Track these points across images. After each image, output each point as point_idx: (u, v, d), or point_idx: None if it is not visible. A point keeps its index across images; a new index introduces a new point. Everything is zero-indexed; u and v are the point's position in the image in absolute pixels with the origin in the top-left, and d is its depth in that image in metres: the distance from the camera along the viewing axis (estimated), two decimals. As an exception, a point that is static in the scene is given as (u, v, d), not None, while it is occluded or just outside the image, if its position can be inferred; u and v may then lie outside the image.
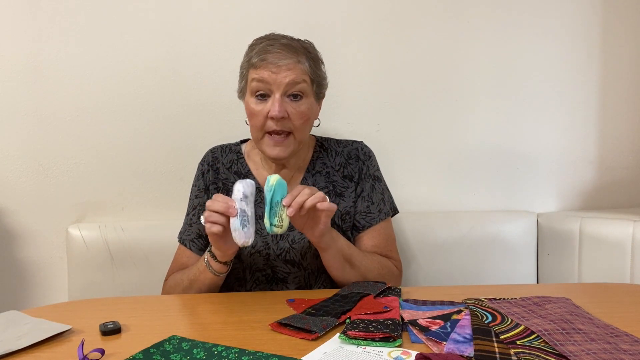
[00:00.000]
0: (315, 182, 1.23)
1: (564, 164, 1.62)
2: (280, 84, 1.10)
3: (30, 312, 1.00)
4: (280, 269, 1.17)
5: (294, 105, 1.12)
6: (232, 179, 1.24)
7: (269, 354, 0.79)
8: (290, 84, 1.10)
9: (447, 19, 1.57)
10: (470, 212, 1.61)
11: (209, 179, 1.26)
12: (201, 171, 1.28)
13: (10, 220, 1.59)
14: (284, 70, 1.09)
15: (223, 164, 1.27)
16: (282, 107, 1.10)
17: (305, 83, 1.12)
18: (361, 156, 1.27)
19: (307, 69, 1.12)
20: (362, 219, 1.23)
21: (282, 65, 1.09)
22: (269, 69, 1.10)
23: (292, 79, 1.10)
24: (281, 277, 1.18)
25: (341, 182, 1.24)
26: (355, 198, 1.24)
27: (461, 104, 1.59)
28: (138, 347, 0.82)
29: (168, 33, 1.55)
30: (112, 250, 1.49)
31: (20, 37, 1.53)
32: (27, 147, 1.57)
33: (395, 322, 0.87)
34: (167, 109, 1.57)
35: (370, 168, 1.27)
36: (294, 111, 1.12)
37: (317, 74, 1.16)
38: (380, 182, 1.28)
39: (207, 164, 1.28)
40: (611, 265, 1.38)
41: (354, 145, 1.28)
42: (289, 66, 1.10)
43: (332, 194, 1.23)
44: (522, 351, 0.77)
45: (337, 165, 1.26)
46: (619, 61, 1.59)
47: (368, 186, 1.25)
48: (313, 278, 1.17)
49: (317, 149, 1.28)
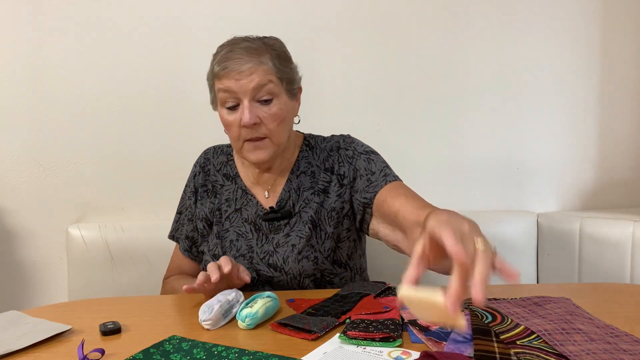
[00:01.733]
0: (300, 184, 1.18)
1: (564, 164, 1.62)
2: (247, 91, 1.05)
3: (30, 312, 1.00)
4: (264, 272, 1.14)
5: (264, 109, 1.07)
6: (220, 181, 1.24)
7: (269, 354, 0.79)
8: (256, 89, 1.06)
9: (447, 19, 1.57)
10: (470, 212, 1.60)
11: (198, 181, 1.26)
12: (193, 173, 1.28)
13: (10, 220, 1.60)
14: (247, 75, 1.05)
15: (214, 165, 1.26)
16: (252, 114, 1.06)
17: (272, 83, 1.07)
18: (342, 145, 1.19)
19: (271, 69, 1.07)
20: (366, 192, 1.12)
21: (244, 71, 1.05)
22: (232, 77, 1.05)
23: (257, 83, 1.05)
24: (265, 280, 1.15)
25: (324, 177, 1.17)
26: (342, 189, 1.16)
27: (461, 104, 1.59)
28: (138, 347, 0.82)
29: (168, 33, 1.55)
30: (112, 250, 1.49)
31: (20, 37, 1.53)
32: (27, 147, 1.57)
33: (395, 322, 0.87)
34: (167, 109, 1.57)
35: (357, 148, 1.18)
36: (265, 115, 1.07)
37: (285, 70, 1.10)
38: (376, 155, 1.18)
39: (199, 165, 1.27)
40: (611, 265, 1.38)
41: (335, 139, 1.22)
42: (252, 69, 1.05)
43: (319, 192, 1.17)
44: (522, 351, 0.77)
45: (320, 163, 1.19)
46: (619, 61, 1.59)
47: (362, 161, 1.15)
48: (295, 282, 1.14)
49: (303, 148, 1.22)
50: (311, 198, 1.17)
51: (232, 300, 0.95)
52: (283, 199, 1.17)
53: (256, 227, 1.17)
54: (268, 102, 1.08)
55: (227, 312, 0.93)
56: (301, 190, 1.18)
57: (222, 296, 0.95)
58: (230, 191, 1.22)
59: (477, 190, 1.62)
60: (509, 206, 1.63)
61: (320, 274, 1.14)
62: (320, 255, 1.14)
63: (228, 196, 1.21)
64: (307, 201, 1.17)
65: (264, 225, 1.17)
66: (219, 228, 1.20)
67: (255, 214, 1.18)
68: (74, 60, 1.54)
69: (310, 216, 1.15)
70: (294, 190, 1.18)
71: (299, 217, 1.16)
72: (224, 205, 1.21)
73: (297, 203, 1.17)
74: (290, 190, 1.18)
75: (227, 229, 1.19)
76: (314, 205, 1.16)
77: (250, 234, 1.17)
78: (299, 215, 1.16)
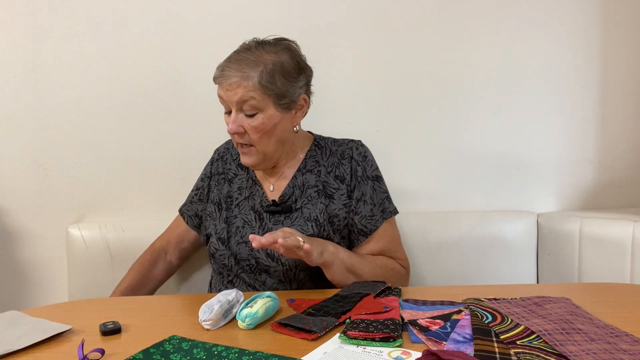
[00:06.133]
0: (305, 181, 1.23)
1: (564, 164, 1.62)
2: (232, 102, 1.13)
3: (30, 312, 1.00)
4: (262, 261, 1.19)
5: (248, 121, 1.13)
6: (234, 170, 1.31)
7: (269, 354, 0.79)
8: (239, 102, 1.12)
9: (447, 19, 1.56)
10: (470, 212, 1.60)
11: (216, 167, 1.33)
12: (212, 159, 1.36)
13: (10, 220, 1.60)
14: (234, 88, 1.11)
15: (231, 155, 1.34)
16: (235, 124, 1.13)
17: (254, 99, 1.11)
18: (355, 156, 1.25)
19: (255, 84, 1.10)
20: (368, 223, 1.22)
21: (231, 83, 1.11)
22: (223, 87, 1.13)
23: (239, 98, 1.11)
24: (264, 268, 1.19)
25: (332, 182, 1.23)
26: (350, 201, 1.22)
27: (461, 104, 1.59)
28: (138, 347, 0.82)
29: (169, 33, 1.55)
30: (112, 250, 1.49)
31: (20, 37, 1.53)
32: (27, 147, 1.57)
33: (395, 322, 0.87)
34: (167, 108, 1.57)
35: (367, 169, 1.25)
36: (248, 126, 1.14)
37: (272, 87, 1.12)
38: (381, 182, 1.27)
39: (218, 153, 1.36)
40: (611, 265, 1.38)
41: (348, 145, 1.27)
42: (237, 83, 1.11)
43: (322, 194, 1.22)
44: (522, 351, 0.77)
45: (329, 166, 1.25)
46: (619, 61, 1.59)
47: (368, 188, 1.23)
48: (292, 273, 1.18)
49: (312, 147, 1.28)
50: (314, 196, 1.22)
51: (232, 300, 0.95)
52: (286, 194, 1.23)
53: (259, 216, 1.23)
54: (251, 116, 1.13)
55: (227, 312, 0.93)
56: (305, 187, 1.23)
57: (222, 296, 0.95)
58: (242, 180, 1.29)
59: (477, 190, 1.62)
60: (509, 206, 1.63)
61: (316, 268, 1.16)
62: None
63: (240, 184, 1.28)
64: (310, 198, 1.22)
65: (266, 216, 1.22)
66: (229, 214, 1.26)
67: (259, 204, 1.24)
68: (74, 60, 1.54)
69: (316, 216, 1.19)
70: (297, 187, 1.23)
71: (300, 212, 1.21)
72: (235, 193, 1.28)
73: (300, 199, 1.22)
74: (294, 186, 1.23)
75: (236, 215, 1.25)
76: (320, 205, 1.20)
77: (254, 222, 1.22)
78: (300, 211, 1.21)
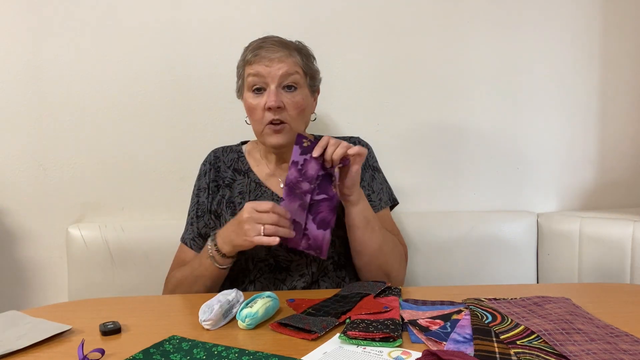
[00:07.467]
0: None
1: (564, 164, 1.62)
2: (275, 76, 1.15)
3: (30, 312, 1.00)
4: (283, 257, 1.19)
5: (289, 96, 1.16)
6: (231, 176, 1.28)
7: (269, 354, 0.79)
8: (284, 76, 1.15)
9: (447, 19, 1.57)
10: (470, 212, 1.61)
11: (209, 177, 1.29)
12: (203, 171, 1.31)
13: (10, 220, 1.59)
14: (277, 63, 1.15)
15: (224, 162, 1.31)
16: (277, 98, 1.14)
17: (298, 74, 1.17)
18: None
19: (299, 62, 1.18)
20: None
21: (274, 58, 1.15)
22: (263, 63, 1.15)
23: (285, 71, 1.15)
24: (284, 265, 1.19)
25: None
26: None
27: (461, 103, 1.59)
28: (138, 347, 0.82)
29: (168, 33, 1.55)
30: (112, 250, 1.49)
31: (20, 37, 1.53)
32: (27, 147, 1.56)
33: (395, 322, 0.87)
34: (167, 109, 1.57)
35: (369, 159, 1.30)
36: (289, 102, 1.16)
37: (310, 67, 1.21)
38: (379, 173, 1.32)
39: (208, 163, 1.31)
40: (611, 265, 1.38)
41: (351, 140, 1.31)
42: (282, 59, 1.15)
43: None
44: (522, 351, 0.77)
45: None
46: (619, 61, 1.59)
47: (368, 176, 1.28)
48: (315, 265, 1.18)
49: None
50: None
51: (232, 300, 0.95)
52: None
53: None
54: (292, 91, 1.17)
55: (227, 312, 0.93)
56: None
57: (222, 296, 0.95)
58: (243, 184, 1.27)
59: (477, 190, 1.62)
60: (509, 206, 1.63)
61: (337, 257, 1.19)
62: (337, 240, 1.19)
63: (241, 189, 1.26)
64: None
65: None
66: None
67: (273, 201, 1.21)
68: (75, 60, 1.54)
69: None
70: None
71: None
72: (237, 198, 1.25)
73: None
74: None
75: None
76: None
77: None
78: None
